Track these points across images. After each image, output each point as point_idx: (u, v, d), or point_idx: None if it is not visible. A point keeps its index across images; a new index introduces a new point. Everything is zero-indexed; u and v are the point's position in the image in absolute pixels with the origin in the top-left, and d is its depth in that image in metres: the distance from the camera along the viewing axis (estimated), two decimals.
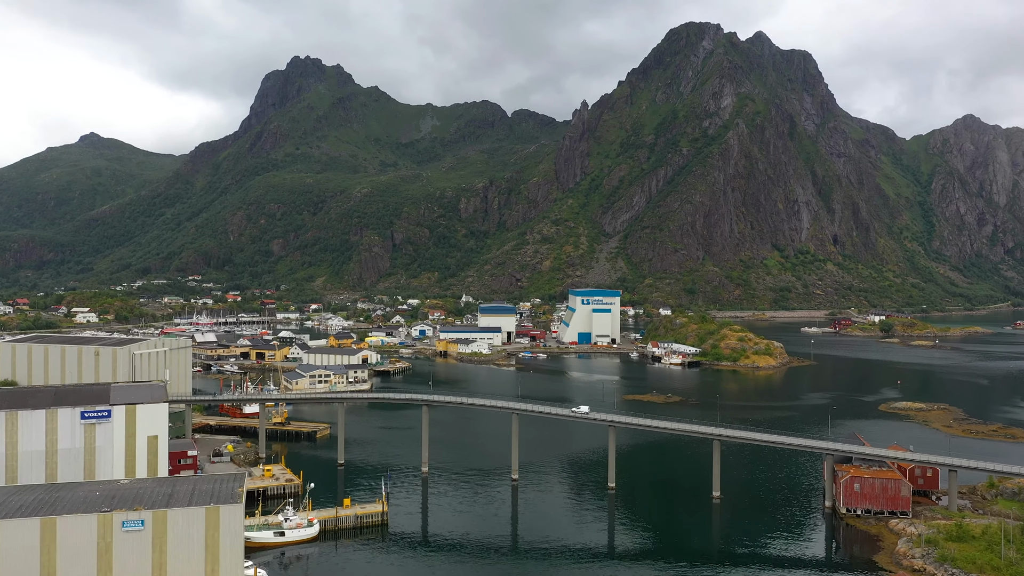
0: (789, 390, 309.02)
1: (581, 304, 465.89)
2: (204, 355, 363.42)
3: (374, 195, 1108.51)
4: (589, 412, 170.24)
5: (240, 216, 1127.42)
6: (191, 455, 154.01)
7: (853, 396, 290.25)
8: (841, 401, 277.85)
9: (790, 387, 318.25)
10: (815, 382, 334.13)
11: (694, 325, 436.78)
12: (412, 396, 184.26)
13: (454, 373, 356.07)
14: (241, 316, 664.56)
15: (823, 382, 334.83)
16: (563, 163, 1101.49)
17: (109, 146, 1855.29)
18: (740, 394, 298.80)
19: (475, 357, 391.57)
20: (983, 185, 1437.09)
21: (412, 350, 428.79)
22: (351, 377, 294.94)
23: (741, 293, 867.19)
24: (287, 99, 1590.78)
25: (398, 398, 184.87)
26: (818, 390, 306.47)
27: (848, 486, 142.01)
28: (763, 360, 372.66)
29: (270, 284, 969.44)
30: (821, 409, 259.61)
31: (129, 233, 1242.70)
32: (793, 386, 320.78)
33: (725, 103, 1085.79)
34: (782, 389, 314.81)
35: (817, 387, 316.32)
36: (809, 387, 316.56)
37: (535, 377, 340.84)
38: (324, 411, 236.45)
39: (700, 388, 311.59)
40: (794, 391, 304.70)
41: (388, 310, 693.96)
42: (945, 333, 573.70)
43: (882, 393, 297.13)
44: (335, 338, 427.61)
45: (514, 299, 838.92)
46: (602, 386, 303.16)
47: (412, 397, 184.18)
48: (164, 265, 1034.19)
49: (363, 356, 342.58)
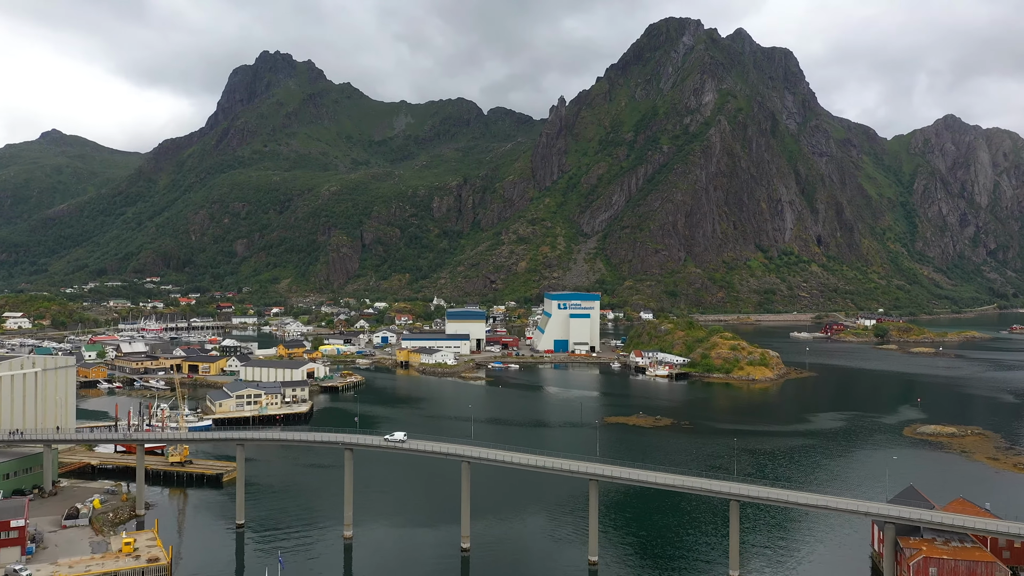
0: (793, 408, 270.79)
1: (557, 309, 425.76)
2: (129, 368, 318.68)
3: (343, 193, 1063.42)
4: (564, 463, 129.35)
5: (203, 215, 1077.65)
6: (16, 525, 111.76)
7: (869, 416, 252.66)
8: (857, 423, 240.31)
9: (793, 404, 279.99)
10: (820, 398, 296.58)
11: (681, 332, 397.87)
12: (331, 438, 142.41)
13: (413, 388, 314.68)
14: (194, 321, 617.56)
15: (829, 398, 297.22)
16: (540, 161, 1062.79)
17: (72, 143, 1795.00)
18: (738, 414, 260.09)
19: (439, 368, 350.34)
20: (964, 186, 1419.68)
21: (371, 360, 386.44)
22: (289, 395, 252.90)
23: (724, 296, 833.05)
24: (255, 95, 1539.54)
25: (312, 440, 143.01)
26: (826, 408, 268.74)
27: (922, 571, 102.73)
28: (758, 372, 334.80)
29: (232, 286, 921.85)
30: (839, 436, 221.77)
31: (87, 233, 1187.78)
32: (796, 403, 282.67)
33: (706, 99, 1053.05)
34: (785, 407, 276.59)
35: (824, 404, 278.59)
36: (815, 404, 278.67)
37: (504, 393, 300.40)
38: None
39: (692, 407, 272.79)
40: (799, 409, 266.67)
41: (352, 314, 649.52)
42: (943, 339, 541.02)
43: (901, 412, 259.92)
44: (284, 347, 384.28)
45: (488, 302, 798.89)
46: (580, 405, 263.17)
47: (331, 439, 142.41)
48: (121, 266, 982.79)
49: (309, 370, 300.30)
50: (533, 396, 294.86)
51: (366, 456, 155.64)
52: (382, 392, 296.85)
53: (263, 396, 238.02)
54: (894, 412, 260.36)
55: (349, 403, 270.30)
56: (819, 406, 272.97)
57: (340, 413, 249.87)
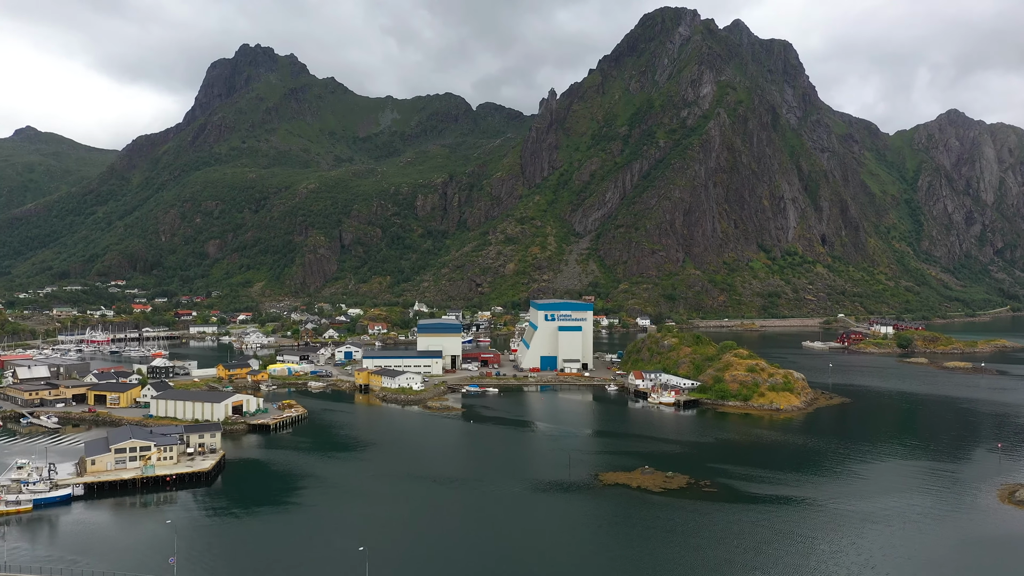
0: (835, 455, 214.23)
1: (544, 320, 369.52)
2: (22, 399, 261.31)
3: (322, 191, 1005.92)
4: None
5: (173, 214, 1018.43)
6: None
7: (941, 468, 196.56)
8: (928, 478, 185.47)
9: (833, 447, 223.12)
10: (865, 436, 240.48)
11: (687, 348, 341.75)
12: None
13: (364, 425, 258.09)
14: (146, 331, 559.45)
15: (876, 437, 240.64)
16: (529, 157, 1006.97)
17: (47, 140, 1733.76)
18: (769, 464, 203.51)
19: (403, 395, 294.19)
20: (969, 183, 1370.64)
21: (325, 383, 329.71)
22: (195, 443, 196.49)
23: (726, 299, 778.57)
24: (234, 89, 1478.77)
25: None
26: (880, 454, 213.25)
27: None
28: (783, 398, 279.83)
29: (202, 290, 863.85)
30: (913, 507, 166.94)
31: (55, 233, 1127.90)
32: (836, 445, 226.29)
33: (705, 92, 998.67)
34: (826, 450, 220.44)
35: (875, 447, 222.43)
36: (861, 447, 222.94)
37: (477, 432, 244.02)
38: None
39: (710, 452, 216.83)
40: (843, 457, 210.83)
41: (323, 322, 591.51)
42: (972, 349, 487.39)
43: (978, 462, 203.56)
44: (224, 368, 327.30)
45: (473, 307, 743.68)
46: (569, 455, 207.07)
47: None
48: (86, 269, 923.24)
49: (236, 403, 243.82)
50: (511, 438, 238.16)
51: None
52: (324, 432, 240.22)
53: (152, 449, 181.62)
54: (968, 460, 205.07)
55: (279, 448, 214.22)
56: (866, 451, 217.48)
57: (256, 469, 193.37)
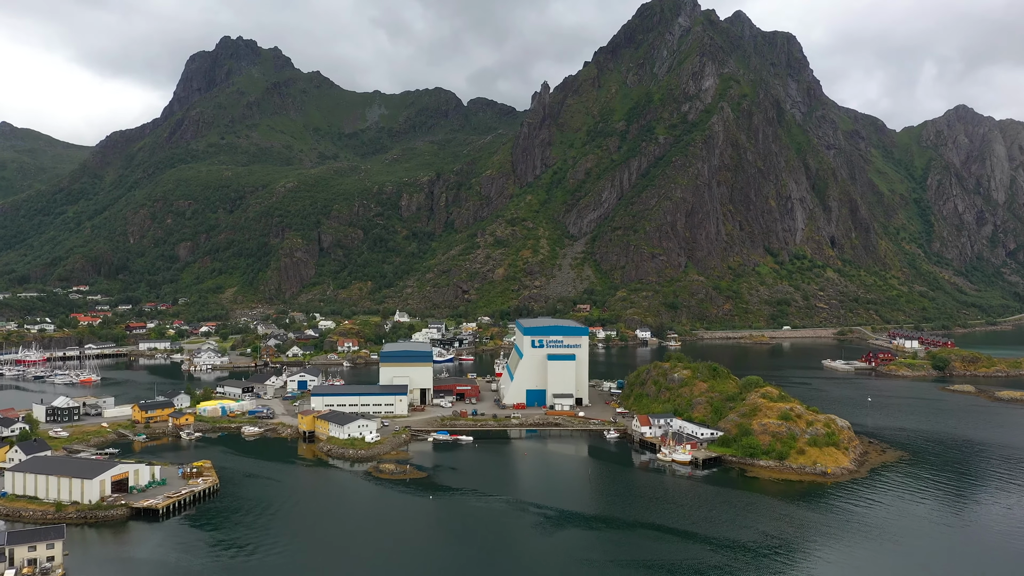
0: (933, 545, 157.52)
1: (532, 347, 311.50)
2: None
3: (300, 190, 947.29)
4: None
5: (143, 215, 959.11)
6: None
7: None
8: None
9: (918, 547, 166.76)
10: (949, 524, 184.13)
11: (702, 383, 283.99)
12: None
13: (290, 503, 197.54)
14: (89, 348, 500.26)
15: (962, 522, 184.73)
16: (521, 154, 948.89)
17: (22, 137, 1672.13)
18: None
19: (351, 450, 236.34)
20: (980, 181, 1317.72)
21: (264, 427, 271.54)
22: (22, 562, 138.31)
23: (732, 307, 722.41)
24: (215, 83, 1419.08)
25: None
26: (981, 561, 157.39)
27: None
28: (829, 457, 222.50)
29: (169, 296, 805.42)
30: None
31: (22, 234, 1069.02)
32: (925, 524, 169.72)
33: (707, 85, 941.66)
34: (914, 542, 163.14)
35: (969, 549, 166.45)
36: (961, 520, 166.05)
37: (432, 524, 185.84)
38: None
39: (746, 558, 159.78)
40: (941, 546, 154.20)
41: (288, 337, 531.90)
42: (1018, 371, 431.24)
43: None
44: (139, 408, 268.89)
45: (459, 316, 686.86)
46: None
47: None
48: (47, 273, 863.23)
49: (117, 477, 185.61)
50: (481, 528, 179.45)
51: None
52: (232, 515, 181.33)
53: None
54: None
55: (153, 557, 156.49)
56: (962, 551, 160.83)
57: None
